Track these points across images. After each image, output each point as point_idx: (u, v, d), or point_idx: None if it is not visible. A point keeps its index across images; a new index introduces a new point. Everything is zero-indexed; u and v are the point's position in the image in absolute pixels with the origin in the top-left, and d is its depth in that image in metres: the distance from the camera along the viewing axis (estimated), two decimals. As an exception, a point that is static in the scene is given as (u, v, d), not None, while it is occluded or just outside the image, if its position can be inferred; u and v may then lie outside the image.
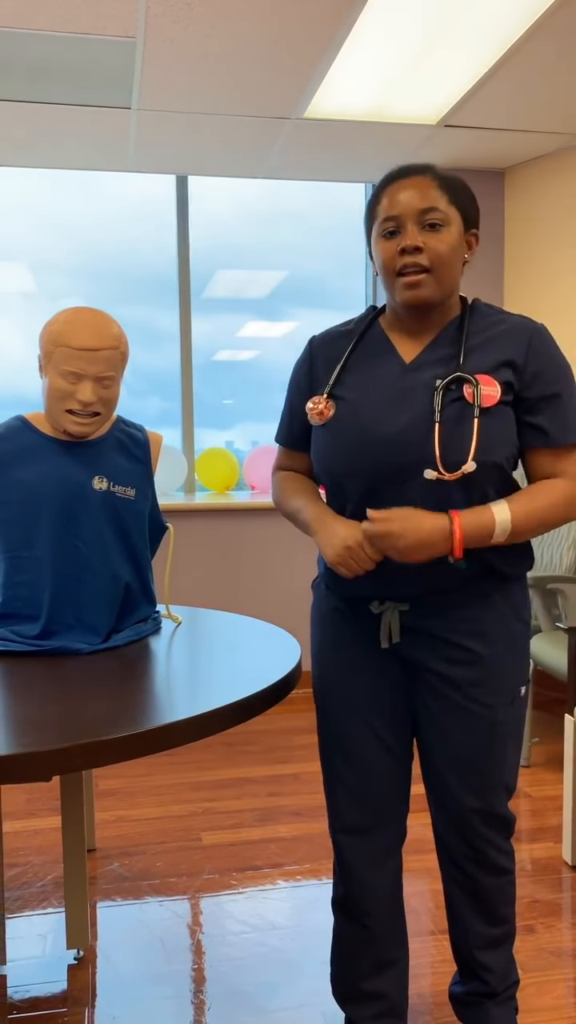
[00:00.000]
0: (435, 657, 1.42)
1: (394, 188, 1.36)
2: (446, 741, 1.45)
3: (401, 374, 1.39)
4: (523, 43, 2.69)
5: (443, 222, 1.34)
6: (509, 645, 1.43)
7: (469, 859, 1.50)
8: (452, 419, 1.32)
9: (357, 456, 1.36)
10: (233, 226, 4.26)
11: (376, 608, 1.43)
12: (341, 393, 1.42)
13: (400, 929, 1.57)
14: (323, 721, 1.53)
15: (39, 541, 1.73)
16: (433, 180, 1.35)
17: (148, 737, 1.26)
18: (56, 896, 2.22)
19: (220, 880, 2.28)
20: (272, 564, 3.96)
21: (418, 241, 1.33)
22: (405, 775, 1.53)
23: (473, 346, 1.37)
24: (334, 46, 2.68)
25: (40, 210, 4.03)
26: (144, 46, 2.66)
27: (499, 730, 1.44)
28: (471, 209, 1.39)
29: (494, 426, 1.33)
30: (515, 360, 1.35)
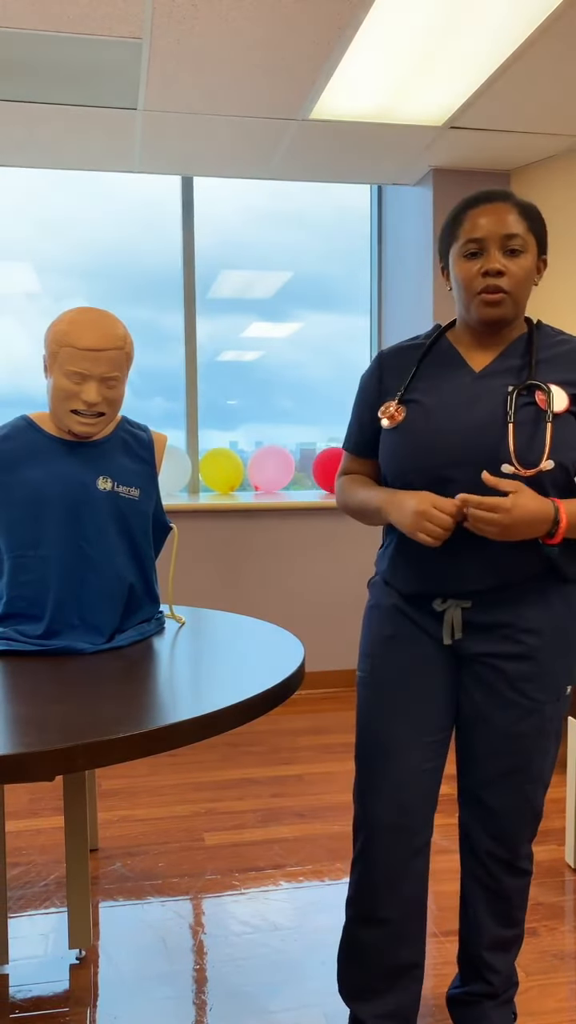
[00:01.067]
0: (491, 651, 1.46)
1: (477, 212, 1.42)
2: (491, 735, 1.48)
3: (472, 381, 1.46)
4: (529, 45, 2.68)
5: (523, 248, 1.41)
6: (562, 643, 1.47)
7: (497, 858, 1.53)
8: (526, 422, 1.39)
9: (427, 455, 1.43)
10: (238, 227, 4.27)
11: (439, 606, 1.47)
12: (412, 398, 1.49)
13: (420, 933, 1.56)
14: (367, 717, 1.55)
15: (44, 541, 1.73)
16: (514, 207, 1.42)
17: (151, 737, 1.26)
18: (58, 896, 2.22)
19: (222, 881, 2.28)
20: (276, 565, 3.96)
21: (500, 265, 1.39)
22: (439, 776, 1.55)
23: (541, 360, 1.45)
24: (340, 47, 2.68)
25: (45, 210, 4.04)
26: (150, 47, 2.66)
27: (544, 726, 1.47)
28: (544, 236, 1.47)
29: (563, 431, 1.39)
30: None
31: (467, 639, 1.47)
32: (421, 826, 1.52)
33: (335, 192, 4.34)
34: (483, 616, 1.45)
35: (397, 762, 1.50)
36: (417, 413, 1.46)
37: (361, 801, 1.55)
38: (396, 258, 4.27)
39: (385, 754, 1.51)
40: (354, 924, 1.57)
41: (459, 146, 3.56)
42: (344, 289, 4.45)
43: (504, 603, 1.44)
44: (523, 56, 2.76)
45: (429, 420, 1.44)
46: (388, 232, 4.35)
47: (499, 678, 1.46)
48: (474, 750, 1.51)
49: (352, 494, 1.58)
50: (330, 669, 4.05)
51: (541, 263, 1.47)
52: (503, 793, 1.50)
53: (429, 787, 1.52)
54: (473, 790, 1.53)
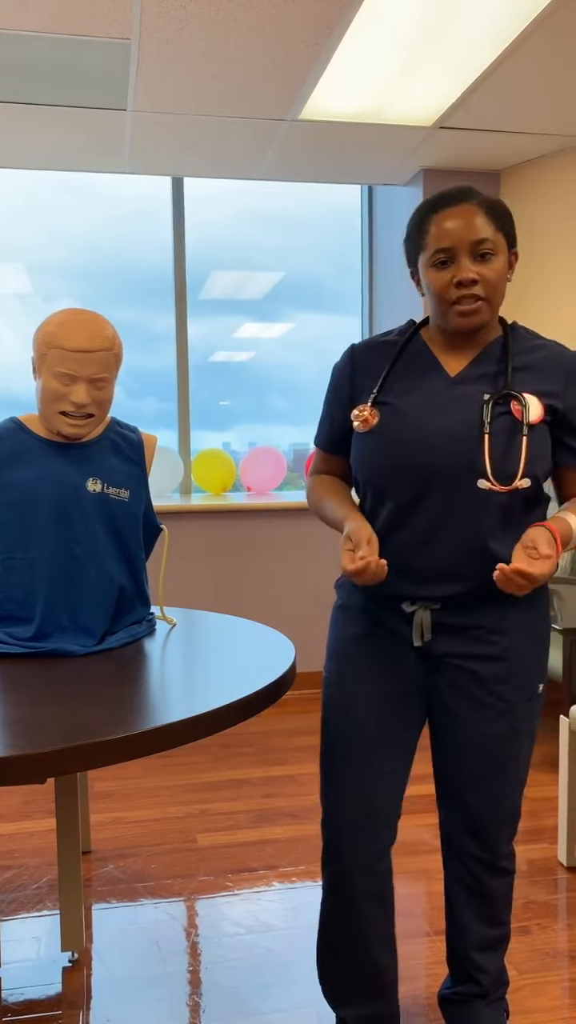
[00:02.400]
0: (462, 653, 1.45)
1: (441, 216, 1.38)
2: (465, 737, 1.47)
3: (447, 386, 1.43)
4: (519, 45, 2.69)
5: (493, 251, 1.37)
6: (532, 642, 1.47)
7: (477, 859, 1.53)
8: (501, 432, 1.38)
9: (400, 461, 1.40)
10: (228, 227, 4.26)
11: (408, 607, 1.45)
12: (386, 401, 1.45)
13: (390, 933, 1.55)
14: (333, 718, 1.52)
15: (33, 543, 1.73)
16: (479, 207, 1.38)
17: (142, 739, 1.26)
18: (51, 898, 2.21)
19: (215, 882, 2.28)
20: (268, 566, 3.96)
21: (473, 274, 1.36)
22: (404, 778, 1.53)
23: (517, 367, 1.43)
24: (329, 47, 2.68)
25: (36, 211, 4.03)
26: (139, 48, 2.66)
27: (518, 726, 1.47)
28: (512, 230, 1.43)
29: (537, 443, 1.39)
30: (556, 387, 1.42)
31: (436, 641, 1.46)
32: (386, 826, 1.50)
33: (325, 192, 4.34)
34: (452, 618, 1.44)
35: (363, 764, 1.48)
36: (391, 417, 1.43)
37: (325, 802, 1.53)
38: (387, 258, 4.27)
39: (351, 755, 1.49)
40: (326, 926, 1.56)
41: (449, 146, 3.57)
42: (335, 289, 4.46)
43: (473, 605, 1.43)
44: (512, 56, 2.77)
45: (403, 425, 1.41)
46: (379, 232, 4.35)
47: (470, 680, 1.45)
48: (449, 753, 1.50)
49: (321, 500, 1.56)
50: (321, 669, 4.05)
51: (512, 257, 1.44)
52: (480, 795, 1.49)
53: (395, 788, 1.50)
54: (451, 793, 1.52)
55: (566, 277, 3.70)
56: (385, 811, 1.50)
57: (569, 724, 2.29)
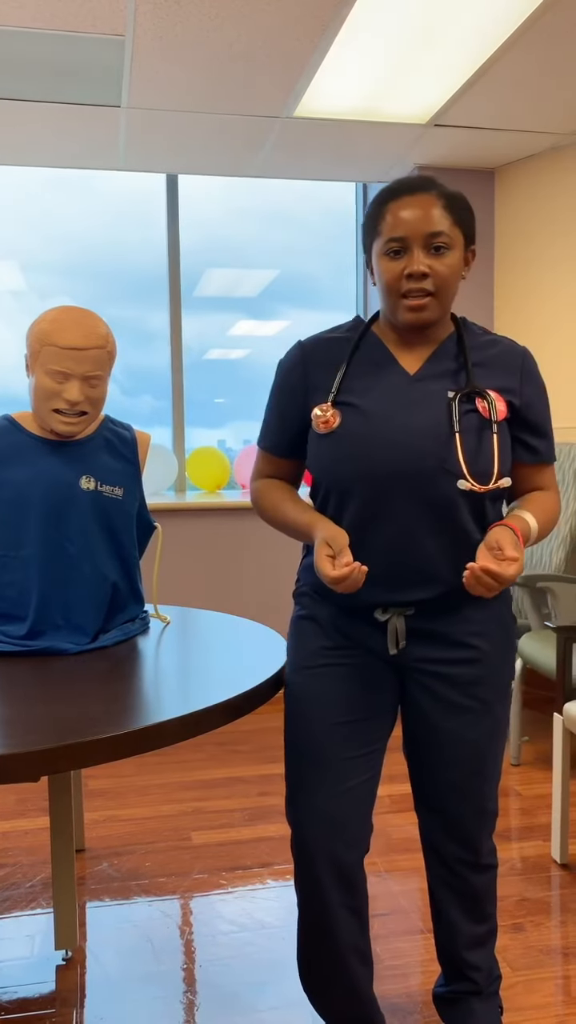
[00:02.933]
0: (437, 658, 1.43)
1: (398, 205, 1.34)
2: (445, 744, 1.45)
3: (407, 384, 1.39)
4: (513, 42, 2.69)
5: (448, 245, 1.34)
6: (505, 641, 1.47)
7: (461, 860, 1.52)
8: (470, 430, 1.36)
9: (367, 463, 1.35)
10: (223, 225, 4.26)
11: (381, 616, 1.42)
12: (346, 401, 1.40)
13: (366, 945, 1.51)
14: (298, 733, 1.47)
15: (26, 541, 1.73)
16: (437, 198, 1.34)
17: (136, 737, 1.26)
18: (45, 896, 2.21)
19: (210, 880, 2.28)
20: (262, 564, 3.96)
21: (424, 267, 1.32)
22: (375, 785, 1.49)
23: (474, 363, 1.42)
24: (324, 44, 2.68)
25: (30, 208, 4.02)
26: (133, 44, 2.65)
27: (496, 727, 1.47)
28: (471, 226, 1.39)
29: (503, 440, 1.39)
30: (511, 384, 1.42)
31: (411, 647, 1.43)
32: (358, 838, 1.45)
33: (320, 190, 4.34)
34: (426, 623, 1.42)
35: (331, 778, 1.43)
36: (353, 418, 1.38)
37: (293, 820, 1.47)
38: (382, 256, 4.26)
39: (319, 770, 1.43)
40: (303, 941, 1.52)
41: (443, 144, 3.56)
42: (330, 287, 4.45)
43: (447, 609, 1.41)
44: (506, 54, 2.77)
45: (367, 426, 1.36)
46: (373, 230, 4.34)
47: (447, 685, 1.43)
48: (427, 760, 1.48)
49: (276, 506, 1.50)
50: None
51: (469, 255, 1.41)
52: (461, 799, 1.48)
53: (364, 798, 1.45)
54: (431, 799, 1.50)
55: (559, 274, 3.70)
56: (355, 827, 1.44)
57: (563, 722, 2.30)
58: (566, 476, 3.37)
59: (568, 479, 3.36)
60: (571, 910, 2.12)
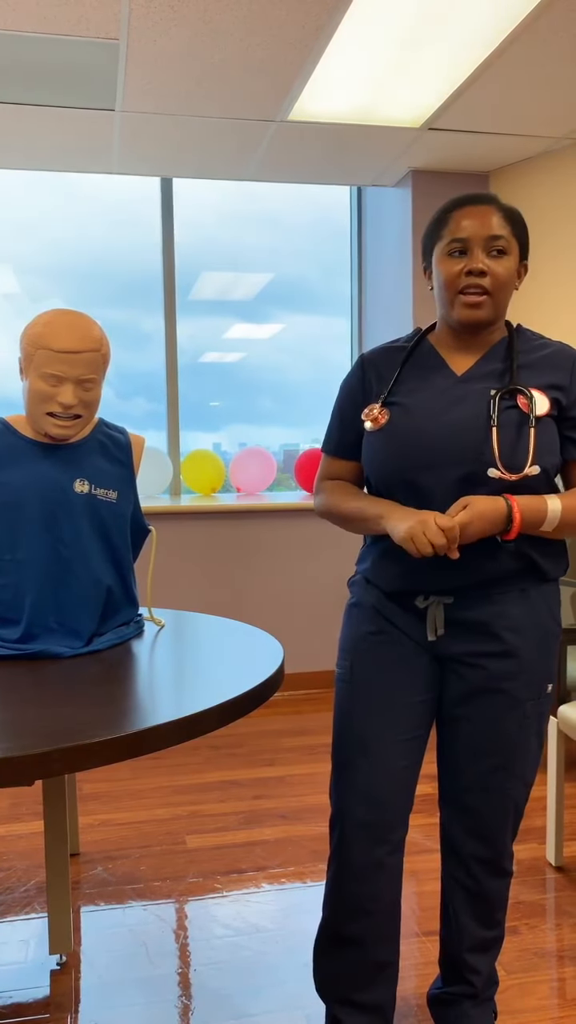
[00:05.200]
0: (472, 649, 1.47)
1: (463, 213, 1.44)
2: (473, 734, 1.49)
3: (454, 384, 1.48)
4: (507, 46, 2.70)
5: (506, 250, 1.43)
6: (542, 641, 1.48)
7: (480, 860, 1.53)
8: (509, 425, 1.42)
9: (410, 457, 1.44)
10: (218, 228, 4.26)
11: (421, 603, 1.48)
12: (395, 400, 1.50)
13: (395, 932, 1.57)
14: (344, 714, 1.55)
15: (20, 544, 1.72)
16: (499, 210, 1.44)
17: (130, 741, 1.25)
18: (39, 901, 2.20)
19: (204, 884, 2.28)
20: (257, 567, 3.96)
21: (484, 265, 1.42)
22: (415, 775, 1.55)
23: (522, 364, 1.47)
24: (318, 48, 2.68)
25: (24, 212, 4.02)
26: (127, 48, 2.66)
27: (526, 724, 1.49)
28: (526, 241, 1.49)
29: (544, 435, 1.43)
30: (561, 382, 1.45)
31: (448, 636, 1.49)
32: (397, 823, 1.52)
33: (314, 193, 4.35)
34: (464, 613, 1.47)
35: (373, 759, 1.50)
36: (400, 415, 1.47)
37: (337, 798, 1.55)
38: (376, 259, 4.28)
39: (361, 751, 1.51)
40: (330, 921, 1.57)
41: (438, 147, 3.57)
42: (325, 291, 4.46)
43: (485, 600, 1.46)
44: (500, 58, 2.78)
45: (411, 421, 1.46)
46: (368, 233, 4.36)
47: (481, 676, 1.47)
48: (456, 750, 1.52)
49: (341, 501, 1.57)
50: (311, 670, 4.05)
51: (522, 268, 1.49)
52: (485, 792, 1.50)
53: (405, 784, 1.52)
54: (455, 791, 1.53)
55: (554, 277, 3.72)
56: (395, 808, 1.51)
57: (558, 725, 2.30)
58: (560, 479, 3.37)
59: (562, 482, 3.36)
60: (566, 913, 2.12)
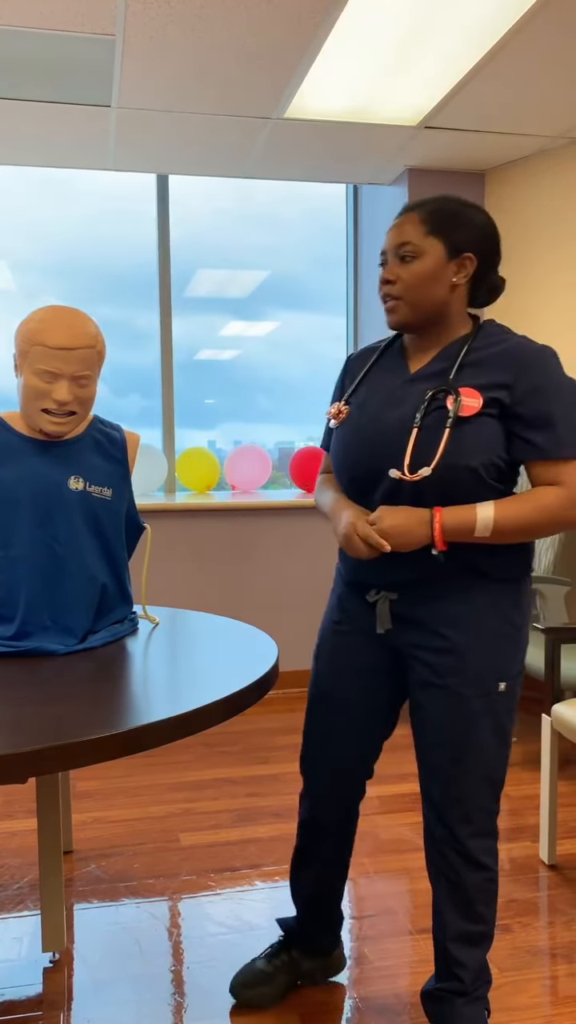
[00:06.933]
0: (420, 645, 1.53)
1: (390, 228, 1.53)
2: (429, 727, 1.54)
3: (403, 384, 1.53)
4: (504, 44, 2.70)
5: (415, 254, 1.47)
6: (486, 640, 1.49)
7: (450, 847, 1.55)
8: (430, 426, 1.45)
9: (352, 454, 1.53)
10: (213, 226, 4.26)
11: (371, 597, 1.56)
12: (354, 399, 1.60)
13: (346, 853, 1.78)
14: (311, 695, 1.70)
15: (14, 541, 1.72)
16: (417, 215, 1.49)
17: (123, 738, 1.25)
18: (32, 898, 2.20)
19: (198, 881, 2.28)
20: (252, 565, 3.95)
21: (391, 274, 1.50)
22: (377, 748, 1.69)
23: (470, 362, 1.48)
24: (315, 46, 2.68)
25: (19, 208, 4.01)
26: (124, 44, 2.65)
27: (476, 720, 1.50)
28: (457, 236, 1.48)
29: (470, 434, 1.43)
30: (505, 380, 1.45)
31: (396, 631, 1.56)
32: (359, 779, 1.70)
33: (310, 191, 4.34)
34: (409, 609, 1.53)
35: (335, 737, 1.66)
36: (353, 413, 1.57)
37: (303, 765, 1.73)
38: (371, 258, 4.27)
39: (325, 728, 1.66)
40: (299, 841, 1.79)
41: (434, 146, 3.57)
42: (320, 289, 4.46)
43: (428, 598, 1.51)
44: (497, 56, 2.77)
45: (360, 420, 1.54)
46: (364, 232, 4.35)
47: (427, 670, 1.52)
48: (418, 739, 1.59)
49: (320, 495, 1.69)
50: (305, 668, 4.06)
51: (464, 261, 1.48)
52: (442, 786, 1.54)
53: (367, 752, 1.68)
54: (422, 780, 1.59)
55: (549, 276, 3.72)
56: (357, 771, 1.69)
57: (551, 723, 2.30)
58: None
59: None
60: (559, 911, 2.13)
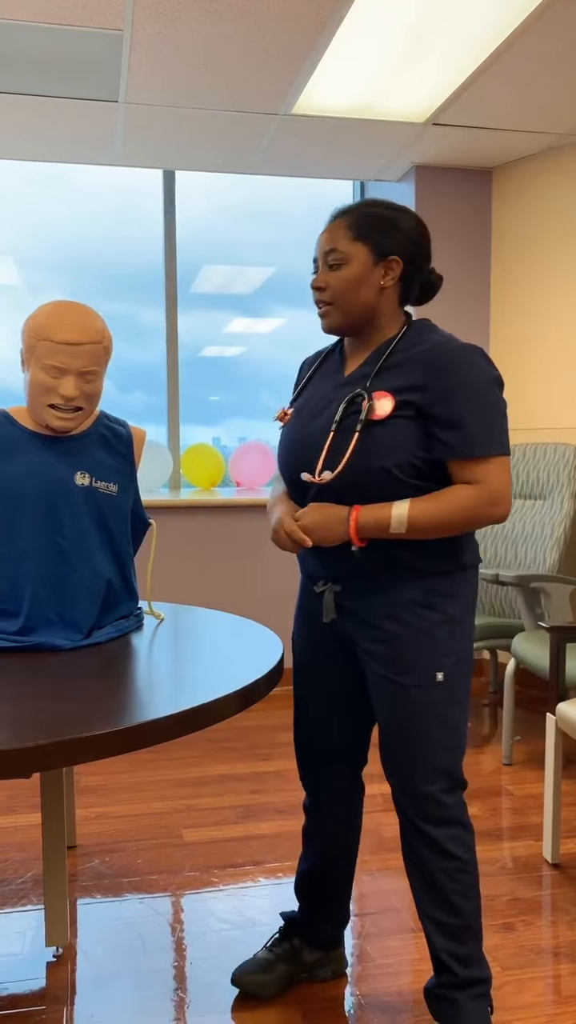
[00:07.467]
0: (362, 636, 1.58)
1: (320, 232, 1.56)
2: (379, 715, 1.60)
3: (333, 388, 1.58)
4: (513, 41, 2.69)
5: (342, 261, 1.51)
6: (419, 631, 1.53)
7: (415, 837, 1.58)
8: (345, 429, 1.50)
9: (286, 457, 1.61)
10: (219, 222, 4.25)
11: (318, 588, 1.63)
12: (297, 402, 1.66)
13: (351, 855, 1.80)
14: (294, 674, 1.77)
15: (20, 536, 1.72)
16: (343, 221, 1.52)
17: (129, 734, 1.25)
18: (36, 893, 2.21)
19: (201, 877, 2.28)
20: (256, 561, 3.95)
21: (321, 281, 1.53)
22: (355, 732, 1.73)
23: (393, 364, 1.51)
24: (323, 42, 2.67)
25: (24, 204, 4.01)
26: (131, 39, 2.65)
27: (418, 709, 1.53)
28: (383, 241, 1.51)
29: (380, 437, 1.47)
30: (419, 382, 1.47)
31: (342, 622, 1.62)
32: (344, 764, 1.74)
33: (316, 188, 4.33)
34: (349, 601, 1.59)
35: (307, 709, 1.74)
36: (293, 417, 1.63)
37: (295, 740, 1.80)
38: (378, 255, 4.25)
39: (300, 699, 1.76)
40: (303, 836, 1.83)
41: (441, 143, 3.56)
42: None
43: (365, 590, 1.56)
44: (506, 53, 2.77)
45: (294, 424, 1.61)
46: (370, 228, 4.34)
47: (374, 661, 1.57)
48: (377, 722, 1.63)
49: (272, 491, 1.75)
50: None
51: (391, 264, 1.51)
52: (397, 774, 1.57)
53: (339, 734, 1.71)
54: (385, 770, 1.62)
55: (557, 274, 3.71)
56: (335, 749, 1.72)
57: (555, 722, 2.30)
58: (560, 477, 3.38)
59: (563, 480, 3.36)
60: (562, 910, 2.13)
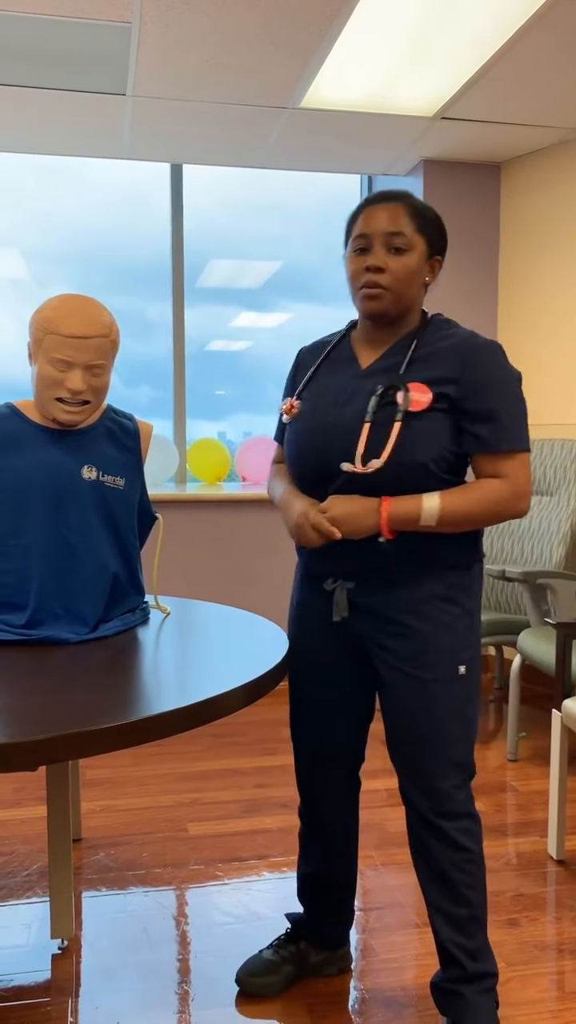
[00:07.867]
0: (378, 632, 1.56)
1: (370, 210, 1.50)
2: (393, 711, 1.57)
3: (354, 378, 1.56)
4: (522, 36, 2.67)
5: (406, 247, 1.49)
6: (442, 625, 1.53)
7: (425, 829, 1.57)
8: (384, 421, 1.48)
9: (306, 448, 1.56)
10: (226, 216, 4.24)
11: (328, 586, 1.59)
12: (306, 394, 1.62)
13: (352, 854, 1.79)
14: (292, 676, 1.73)
15: (27, 530, 1.72)
16: (405, 208, 1.49)
17: (134, 728, 1.25)
18: (41, 885, 2.21)
19: (206, 871, 2.28)
20: (262, 556, 3.95)
21: (381, 262, 1.48)
22: (353, 733, 1.71)
23: (420, 357, 1.51)
24: (331, 35, 2.66)
25: (31, 197, 4.00)
26: (140, 31, 2.64)
27: (438, 703, 1.53)
28: (437, 238, 1.53)
29: (419, 429, 1.46)
30: (453, 374, 1.47)
31: (354, 619, 1.59)
32: (341, 765, 1.71)
33: (323, 182, 4.32)
34: (365, 597, 1.55)
35: (309, 712, 1.70)
36: (305, 408, 1.59)
37: (293, 745, 1.77)
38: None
39: (300, 702, 1.71)
40: (301, 842, 1.82)
41: (450, 137, 3.55)
42: (332, 280, 4.44)
43: (383, 586, 1.53)
44: (514, 48, 2.75)
45: (311, 415, 1.56)
46: (378, 223, 4.33)
47: (392, 657, 1.54)
48: (389, 730, 1.60)
49: (272, 485, 1.72)
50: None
51: (435, 263, 1.53)
52: (410, 768, 1.56)
53: (344, 734, 1.69)
54: (395, 765, 1.61)
55: (565, 268, 3.69)
56: (338, 751, 1.70)
57: (561, 718, 2.30)
58: (568, 473, 3.37)
59: (570, 476, 3.35)
60: (566, 906, 2.13)
